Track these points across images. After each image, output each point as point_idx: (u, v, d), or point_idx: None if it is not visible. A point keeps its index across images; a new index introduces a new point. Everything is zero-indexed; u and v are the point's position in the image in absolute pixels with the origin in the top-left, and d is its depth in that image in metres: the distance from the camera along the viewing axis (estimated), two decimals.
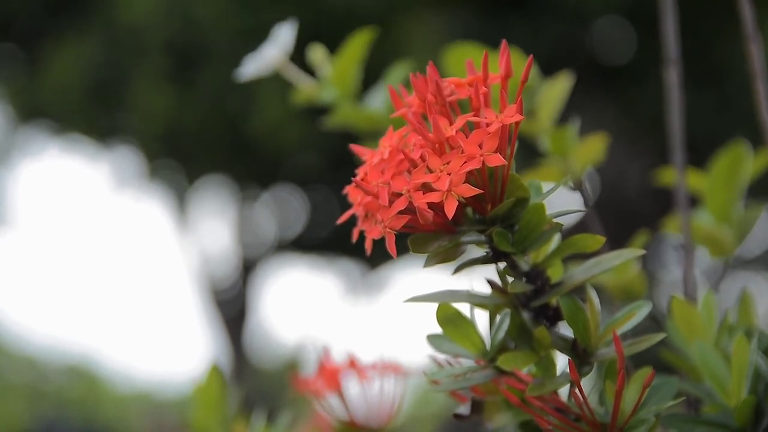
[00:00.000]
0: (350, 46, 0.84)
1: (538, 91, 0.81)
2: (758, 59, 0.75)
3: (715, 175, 0.81)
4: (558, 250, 0.56)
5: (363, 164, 0.54)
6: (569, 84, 0.82)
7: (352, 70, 0.85)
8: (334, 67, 0.85)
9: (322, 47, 0.86)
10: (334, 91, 0.85)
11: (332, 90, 0.85)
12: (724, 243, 0.81)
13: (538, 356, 0.56)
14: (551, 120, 0.82)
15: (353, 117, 0.84)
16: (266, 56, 0.84)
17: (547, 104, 0.82)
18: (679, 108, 0.81)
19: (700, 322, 0.65)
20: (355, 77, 0.85)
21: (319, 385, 0.77)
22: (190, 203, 5.44)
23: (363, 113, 0.84)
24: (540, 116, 0.82)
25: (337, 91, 0.85)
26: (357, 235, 0.54)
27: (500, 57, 0.54)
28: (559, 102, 0.82)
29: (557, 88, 0.82)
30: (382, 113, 0.84)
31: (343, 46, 0.85)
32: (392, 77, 0.84)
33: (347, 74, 0.85)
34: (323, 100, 0.86)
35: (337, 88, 0.85)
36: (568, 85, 0.82)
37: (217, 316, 5.73)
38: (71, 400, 6.95)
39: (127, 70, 4.10)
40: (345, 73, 0.85)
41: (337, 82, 0.85)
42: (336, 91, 0.85)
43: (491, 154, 0.50)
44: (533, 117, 0.82)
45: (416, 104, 0.54)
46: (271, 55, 0.84)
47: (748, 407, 0.58)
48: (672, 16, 0.83)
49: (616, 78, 4.02)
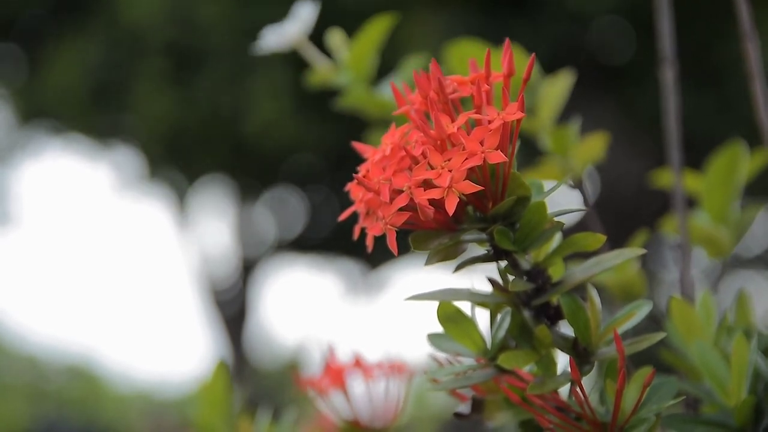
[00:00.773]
0: (368, 30, 0.85)
1: (539, 89, 0.81)
2: (755, 59, 0.75)
3: (712, 176, 0.81)
4: (559, 249, 0.56)
5: (364, 161, 0.54)
6: (570, 82, 0.82)
7: (368, 54, 0.85)
8: (351, 50, 0.85)
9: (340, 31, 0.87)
10: (349, 74, 0.85)
11: (348, 73, 0.85)
12: (721, 243, 0.81)
13: (539, 355, 0.56)
14: (552, 118, 0.83)
15: (365, 101, 0.85)
16: (286, 32, 0.84)
17: (548, 102, 0.82)
18: (675, 107, 0.81)
19: (698, 322, 0.65)
20: (371, 62, 0.86)
21: (324, 383, 0.77)
22: (191, 203, 5.45)
23: (375, 99, 0.84)
24: (540, 114, 0.82)
25: (353, 74, 0.85)
26: (358, 233, 0.54)
27: (503, 55, 0.54)
28: (560, 100, 0.82)
29: (558, 86, 0.82)
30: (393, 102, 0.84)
31: (360, 31, 0.85)
32: (407, 69, 0.85)
33: (363, 58, 0.85)
34: (338, 83, 0.86)
35: (353, 71, 0.85)
36: (569, 83, 0.82)
37: (217, 316, 5.73)
38: (72, 400, 6.96)
39: (128, 70, 4.10)
40: (361, 57, 0.85)
41: (353, 65, 0.85)
42: (351, 74, 0.85)
43: (492, 151, 0.50)
44: (533, 115, 0.82)
45: (419, 101, 0.54)
46: (291, 32, 0.84)
47: (748, 407, 0.58)
48: (667, 16, 0.83)
49: (616, 78, 4.02)
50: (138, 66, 4.04)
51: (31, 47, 4.44)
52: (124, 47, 4.06)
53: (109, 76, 4.15)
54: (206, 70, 3.91)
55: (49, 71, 4.22)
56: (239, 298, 5.73)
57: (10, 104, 4.77)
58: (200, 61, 3.93)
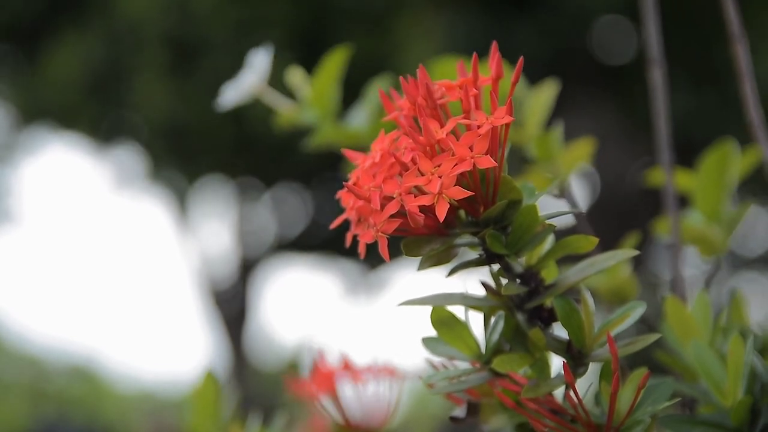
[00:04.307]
0: (327, 65, 0.83)
1: (525, 101, 0.81)
2: (744, 59, 0.75)
3: (704, 174, 0.81)
4: (551, 252, 0.56)
5: (355, 168, 0.54)
6: (555, 91, 0.82)
7: (330, 89, 0.84)
8: (313, 87, 0.84)
9: (299, 70, 0.85)
10: (314, 111, 0.84)
11: (312, 111, 0.84)
12: (714, 242, 0.81)
13: (533, 358, 0.56)
14: (539, 128, 0.82)
15: (335, 136, 0.83)
16: (244, 83, 0.84)
17: (534, 113, 0.82)
18: (665, 108, 0.81)
19: (693, 323, 0.65)
20: (334, 96, 0.84)
21: (314, 387, 0.77)
22: (191, 203, 5.45)
23: (345, 131, 0.83)
24: (527, 125, 0.82)
25: (317, 112, 0.84)
26: (350, 240, 0.54)
27: (491, 58, 0.54)
28: (546, 110, 0.82)
29: (543, 97, 0.82)
30: (364, 130, 0.83)
31: (320, 66, 0.83)
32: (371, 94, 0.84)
33: (326, 94, 0.84)
34: (304, 122, 0.85)
35: (317, 108, 0.84)
36: (554, 92, 0.82)
37: (218, 316, 5.73)
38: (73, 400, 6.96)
39: (127, 64, 4.10)
40: (323, 92, 0.84)
41: (316, 102, 0.84)
42: (316, 112, 0.84)
43: (482, 156, 0.50)
44: (521, 126, 0.82)
45: (407, 107, 0.54)
46: (249, 82, 0.83)
47: (744, 407, 0.58)
48: (654, 17, 0.83)
49: (616, 78, 4.02)
50: (137, 59, 4.04)
51: (30, 45, 4.44)
52: (122, 40, 4.06)
53: (107, 70, 4.15)
54: (205, 62, 3.90)
55: (48, 68, 4.22)
56: (239, 298, 5.73)
57: (11, 102, 4.77)
58: (199, 53, 3.92)
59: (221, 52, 3.83)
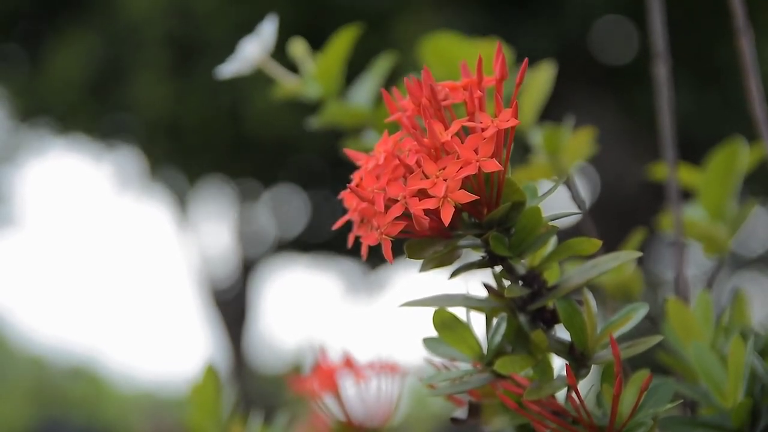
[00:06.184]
0: (336, 42, 0.82)
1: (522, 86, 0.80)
2: (749, 54, 0.75)
3: (711, 172, 0.81)
4: (554, 254, 0.56)
5: (358, 169, 0.54)
6: (552, 73, 0.80)
7: (337, 67, 0.83)
8: (320, 63, 0.83)
9: (303, 42, 0.84)
10: (318, 87, 0.83)
11: (316, 86, 0.83)
12: (718, 239, 0.80)
13: (535, 360, 0.56)
14: (535, 110, 0.81)
15: (338, 114, 0.82)
16: (247, 54, 0.83)
17: (530, 94, 0.80)
18: (669, 104, 0.81)
19: (695, 323, 0.65)
20: (340, 74, 0.83)
21: (315, 385, 0.77)
22: (191, 204, 5.44)
23: (347, 109, 0.82)
24: (524, 108, 0.80)
25: (322, 88, 0.83)
26: (353, 241, 0.54)
27: (495, 58, 0.54)
28: (543, 92, 0.80)
29: (540, 78, 0.80)
30: (366, 108, 0.82)
31: (329, 42, 0.83)
32: (377, 70, 0.83)
33: (332, 71, 0.82)
34: (307, 96, 0.83)
35: (322, 85, 0.83)
36: (551, 74, 0.80)
37: (218, 316, 5.73)
38: (75, 400, 6.97)
39: (128, 64, 4.09)
40: (330, 69, 0.82)
41: (321, 79, 0.83)
42: (320, 88, 0.83)
43: (487, 159, 0.50)
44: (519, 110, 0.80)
45: (411, 108, 0.54)
46: (252, 53, 0.82)
47: (745, 409, 0.58)
48: (659, 11, 0.82)
49: (617, 78, 4.01)
50: (137, 59, 4.03)
51: (30, 45, 4.43)
52: (122, 40, 4.05)
53: (108, 70, 4.15)
54: (205, 62, 3.90)
55: (48, 68, 4.21)
56: (239, 298, 5.73)
57: (11, 103, 4.77)
58: (199, 53, 3.92)
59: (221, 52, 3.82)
